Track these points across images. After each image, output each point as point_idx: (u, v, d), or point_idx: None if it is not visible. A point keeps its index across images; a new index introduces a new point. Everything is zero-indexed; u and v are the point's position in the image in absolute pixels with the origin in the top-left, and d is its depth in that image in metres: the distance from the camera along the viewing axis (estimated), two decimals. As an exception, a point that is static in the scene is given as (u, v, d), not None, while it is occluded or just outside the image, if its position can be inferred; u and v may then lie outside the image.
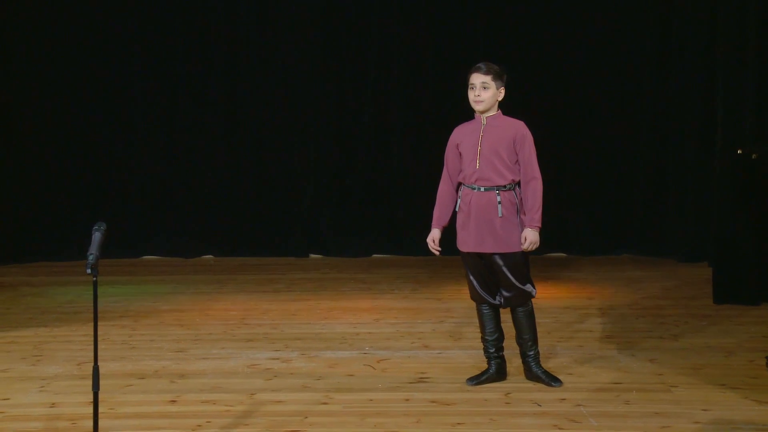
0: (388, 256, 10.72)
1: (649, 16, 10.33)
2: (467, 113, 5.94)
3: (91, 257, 4.31)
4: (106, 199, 10.49)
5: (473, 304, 5.98)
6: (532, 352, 5.85)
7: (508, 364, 5.98)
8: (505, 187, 5.70)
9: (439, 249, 5.88)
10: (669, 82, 10.24)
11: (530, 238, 5.67)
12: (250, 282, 9.28)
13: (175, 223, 10.67)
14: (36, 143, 10.38)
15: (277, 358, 6.52)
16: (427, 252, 10.41)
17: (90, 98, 10.44)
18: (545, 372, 5.86)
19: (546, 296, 8.35)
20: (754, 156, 7.88)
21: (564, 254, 10.58)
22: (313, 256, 10.74)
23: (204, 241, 10.72)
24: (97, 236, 4.41)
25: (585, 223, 10.60)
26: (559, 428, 5.15)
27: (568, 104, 10.43)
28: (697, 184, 9.96)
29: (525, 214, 5.71)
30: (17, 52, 10.26)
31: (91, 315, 4.44)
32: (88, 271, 4.30)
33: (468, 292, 5.96)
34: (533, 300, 5.87)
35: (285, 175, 10.72)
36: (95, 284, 4.36)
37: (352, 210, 10.74)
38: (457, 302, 8.20)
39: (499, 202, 5.69)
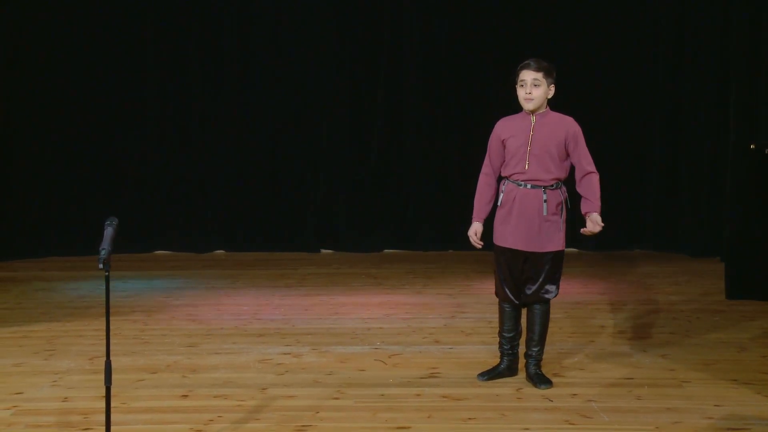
0: (400, 251, 10.71)
1: (664, 13, 10.30)
2: (481, 108, 5.92)
3: (103, 252, 4.32)
4: (118, 194, 10.50)
5: (485, 299, 5.99)
6: (534, 351, 5.82)
7: (519, 361, 5.97)
8: (551, 186, 5.66)
9: (481, 243, 5.82)
10: (683, 77, 10.22)
11: (599, 220, 5.64)
12: (262, 277, 9.29)
13: (187, 218, 10.69)
14: (48, 138, 10.39)
15: (289, 353, 6.52)
16: (438, 247, 10.56)
17: (102, 93, 10.44)
18: (537, 373, 5.80)
19: (559, 292, 8.32)
20: (767, 151, 7.87)
21: (576, 249, 10.56)
22: (324, 251, 10.75)
23: (216, 236, 10.73)
24: (109, 231, 4.41)
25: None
26: (571, 424, 5.15)
27: (582, 100, 10.37)
28: (710, 179, 9.94)
29: (587, 203, 5.66)
30: (29, 48, 10.27)
31: (103, 310, 4.44)
32: (100, 266, 4.31)
33: (492, 286, 5.92)
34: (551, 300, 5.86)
35: (297, 171, 10.73)
36: (107, 279, 4.36)
37: (364, 205, 10.74)
38: (469, 297, 8.19)
39: (545, 201, 5.64)
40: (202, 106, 10.65)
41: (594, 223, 5.66)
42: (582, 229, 5.68)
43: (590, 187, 5.68)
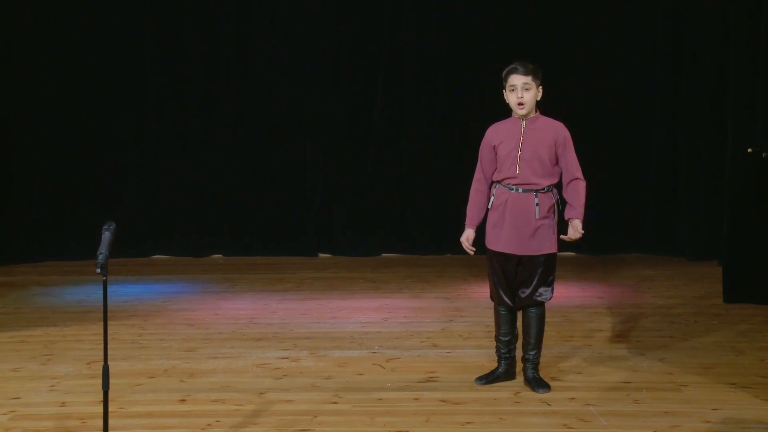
0: (397, 255, 10.71)
1: (662, 16, 10.31)
2: (479, 112, 5.92)
3: (100, 257, 4.32)
4: (115, 199, 10.50)
5: (482, 303, 6.00)
6: (531, 354, 5.82)
7: (517, 364, 5.97)
8: (543, 189, 5.66)
9: (474, 249, 5.83)
10: (681, 80, 10.23)
11: (580, 228, 5.65)
12: (260, 281, 9.29)
13: (185, 223, 10.68)
14: (45, 142, 10.39)
15: (287, 358, 6.52)
16: (435, 251, 10.55)
17: (99, 97, 10.43)
18: (536, 377, 5.80)
19: (556, 296, 8.25)
20: (764, 154, 7.88)
21: (574, 253, 10.56)
22: (322, 255, 10.74)
23: (213, 241, 10.72)
24: (106, 236, 4.41)
25: (595, 222, 10.55)
26: (569, 427, 5.15)
27: (580, 103, 10.40)
28: (708, 182, 9.95)
29: (571, 209, 5.66)
30: (26, 50, 10.26)
31: (101, 314, 4.45)
32: (98, 270, 4.31)
33: (488, 290, 5.93)
34: (546, 303, 5.85)
35: (295, 175, 10.72)
36: (105, 283, 4.36)
37: (362, 209, 10.74)
38: (466, 301, 8.19)
39: (537, 205, 5.65)
40: (200, 110, 10.65)
41: (575, 230, 5.67)
42: (562, 236, 5.69)
43: (576, 193, 5.68)
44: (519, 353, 5.92)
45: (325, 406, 5.52)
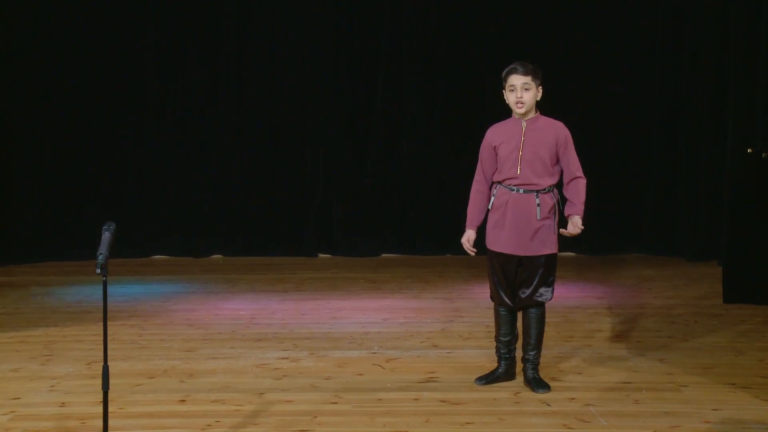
0: (397, 255, 10.71)
1: (662, 16, 10.31)
2: (478, 113, 5.92)
3: (100, 257, 4.32)
4: (115, 199, 10.50)
5: (483, 304, 6.00)
6: (531, 355, 5.82)
7: (517, 365, 5.97)
8: (544, 190, 5.66)
9: (475, 249, 5.82)
10: (680, 80, 10.23)
11: (580, 224, 5.65)
12: (260, 281, 9.29)
13: (185, 223, 10.68)
14: (45, 142, 10.38)
15: (287, 358, 6.52)
16: (435, 251, 10.55)
17: (99, 97, 10.43)
18: (535, 378, 5.80)
19: (556, 296, 8.28)
20: (764, 154, 7.89)
21: (573, 254, 10.56)
22: (322, 255, 10.73)
23: (213, 241, 10.72)
24: (106, 236, 4.42)
25: (595, 222, 10.57)
26: (569, 428, 5.15)
27: (579, 103, 10.40)
28: (707, 182, 9.95)
29: (571, 205, 5.66)
30: (26, 50, 10.26)
31: (101, 314, 4.45)
32: (98, 270, 4.31)
33: (489, 291, 5.93)
34: (546, 303, 5.85)
35: (295, 175, 10.72)
36: (105, 284, 4.36)
37: (362, 210, 10.74)
38: (466, 302, 8.19)
39: (538, 205, 5.65)
40: (200, 111, 10.65)
41: (574, 226, 5.67)
42: (562, 230, 5.68)
43: (576, 191, 5.69)
44: (519, 353, 5.92)
45: (325, 406, 5.52)
